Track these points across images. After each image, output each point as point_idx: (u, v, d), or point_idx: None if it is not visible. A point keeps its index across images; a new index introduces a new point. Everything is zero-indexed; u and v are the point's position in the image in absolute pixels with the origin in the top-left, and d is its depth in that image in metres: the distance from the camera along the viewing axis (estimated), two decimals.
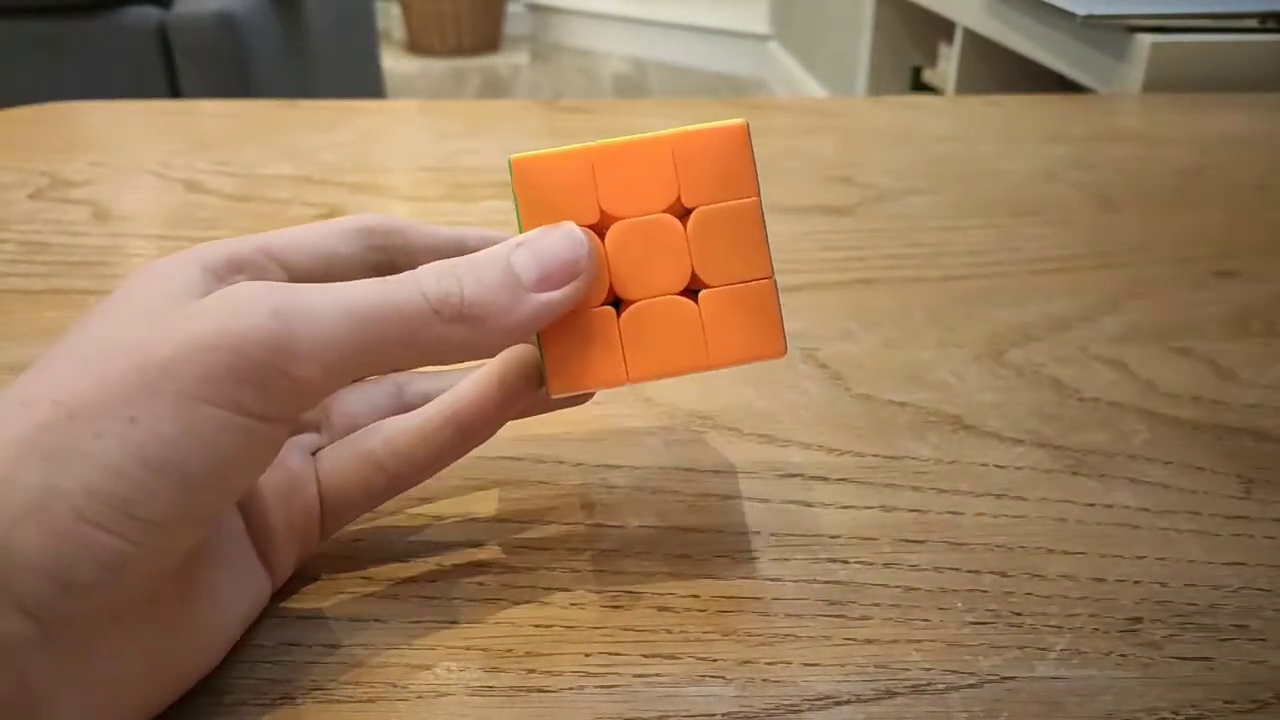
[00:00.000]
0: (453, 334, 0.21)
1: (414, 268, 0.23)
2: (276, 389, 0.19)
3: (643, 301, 0.23)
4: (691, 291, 0.23)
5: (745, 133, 0.23)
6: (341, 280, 0.23)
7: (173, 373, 0.18)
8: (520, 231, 0.23)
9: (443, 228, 0.25)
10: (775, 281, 0.24)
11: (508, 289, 0.21)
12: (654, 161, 0.23)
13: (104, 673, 0.19)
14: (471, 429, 0.24)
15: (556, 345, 0.23)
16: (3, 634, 0.17)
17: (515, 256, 0.22)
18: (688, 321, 0.23)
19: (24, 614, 0.17)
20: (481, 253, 0.22)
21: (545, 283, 0.22)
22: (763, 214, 0.23)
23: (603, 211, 0.23)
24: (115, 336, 0.19)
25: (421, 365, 0.22)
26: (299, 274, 0.24)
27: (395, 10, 3.37)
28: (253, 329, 0.19)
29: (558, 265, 0.22)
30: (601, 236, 0.23)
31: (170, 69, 1.44)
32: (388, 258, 0.25)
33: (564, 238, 0.22)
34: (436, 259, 0.24)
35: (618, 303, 0.23)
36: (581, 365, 0.23)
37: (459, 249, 0.25)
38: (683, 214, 0.23)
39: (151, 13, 1.42)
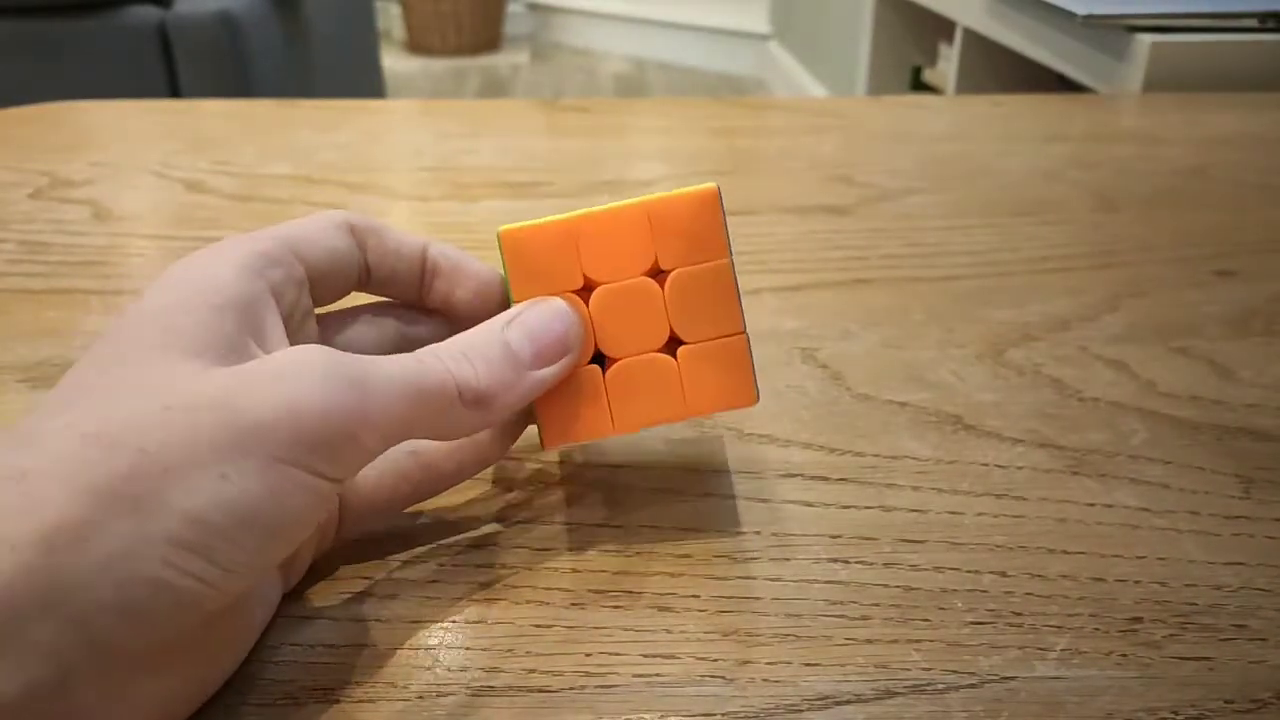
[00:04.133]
0: (468, 417, 0.23)
1: (381, 269, 0.26)
2: (344, 454, 0.20)
3: (626, 359, 0.25)
4: (671, 344, 0.25)
5: (716, 197, 0.25)
6: (343, 273, 0.25)
7: (263, 436, 0.19)
8: (511, 299, 0.25)
9: (409, 239, 0.26)
10: (747, 336, 0.25)
11: (510, 370, 0.23)
12: (632, 228, 0.25)
13: (143, 691, 0.19)
14: (493, 446, 0.26)
15: (548, 402, 0.25)
16: (68, 665, 0.17)
17: (510, 335, 0.23)
18: (667, 376, 0.25)
19: (91, 647, 0.18)
20: (478, 332, 0.23)
21: (539, 359, 0.24)
22: (734, 273, 0.25)
23: (586, 277, 0.25)
24: (193, 387, 0.20)
25: (431, 439, 0.23)
26: (314, 269, 0.25)
27: (395, 10, 3.37)
28: (338, 398, 0.20)
29: (549, 341, 0.24)
30: (586, 300, 0.25)
31: (170, 69, 1.44)
32: (363, 256, 0.26)
33: (554, 315, 0.24)
34: (393, 272, 0.26)
35: (602, 359, 0.25)
36: (572, 419, 0.25)
37: (419, 262, 0.26)
38: (659, 274, 0.25)
39: (151, 13, 1.42)
